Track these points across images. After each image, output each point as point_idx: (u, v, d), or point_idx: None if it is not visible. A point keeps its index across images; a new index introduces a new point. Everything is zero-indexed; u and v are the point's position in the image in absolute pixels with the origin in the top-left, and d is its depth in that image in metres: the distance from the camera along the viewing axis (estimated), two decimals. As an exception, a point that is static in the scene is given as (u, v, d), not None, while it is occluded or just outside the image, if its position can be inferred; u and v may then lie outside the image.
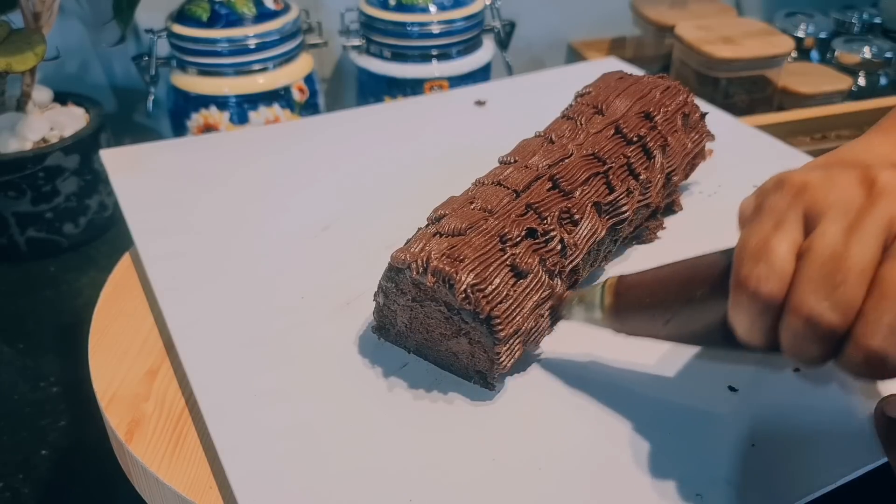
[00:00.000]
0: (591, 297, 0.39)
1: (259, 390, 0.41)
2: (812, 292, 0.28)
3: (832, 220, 0.29)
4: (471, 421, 0.39)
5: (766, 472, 0.36)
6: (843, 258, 0.28)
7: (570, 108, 0.51)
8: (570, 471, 0.36)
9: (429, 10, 0.91)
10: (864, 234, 0.28)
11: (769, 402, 0.40)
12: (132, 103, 1.01)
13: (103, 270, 0.55)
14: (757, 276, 0.29)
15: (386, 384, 0.41)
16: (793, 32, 1.12)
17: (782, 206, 0.30)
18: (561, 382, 0.41)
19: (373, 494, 0.35)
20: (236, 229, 0.53)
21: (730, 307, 0.31)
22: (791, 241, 0.29)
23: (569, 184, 0.44)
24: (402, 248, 0.40)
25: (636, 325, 0.38)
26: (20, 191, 0.77)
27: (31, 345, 0.71)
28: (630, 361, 0.42)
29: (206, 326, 0.45)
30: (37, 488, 0.58)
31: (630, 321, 0.38)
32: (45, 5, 0.75)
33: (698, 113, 0.54)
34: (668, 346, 0.43)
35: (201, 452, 0.39)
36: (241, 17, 0.85)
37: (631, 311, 0.37)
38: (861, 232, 0.28)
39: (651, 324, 0.36)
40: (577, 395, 0.40)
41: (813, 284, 0.28)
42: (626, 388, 0.41)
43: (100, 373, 0.44)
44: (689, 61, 0.97)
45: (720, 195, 0.57)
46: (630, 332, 0.38)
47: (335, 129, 0.67)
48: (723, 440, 0.37)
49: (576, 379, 0.41)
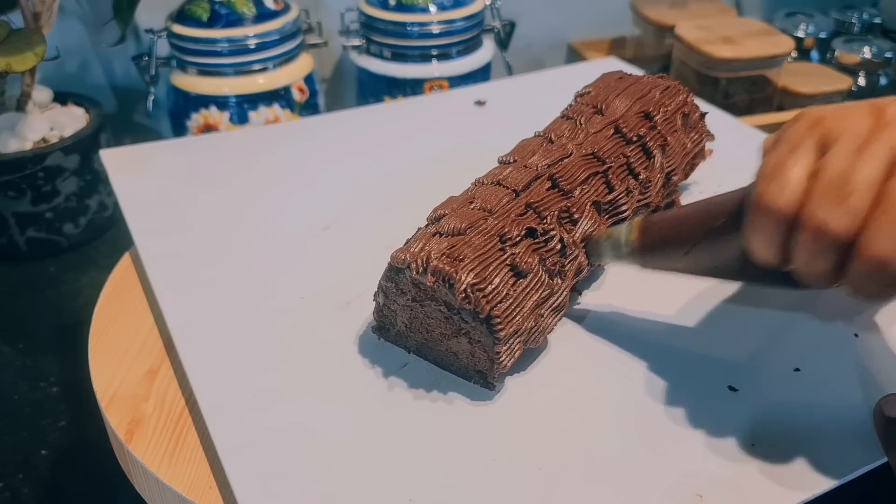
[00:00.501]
0: (618, 234, 0.42)
1: (259, 390, 0.41)
2: (822, 205, 0.30)
3: (843, 144, 0.31)
4: (471, 421, 0.39)
5: (766, 472, 0.36)
6: (852, 174, 0.30)
7: (570, 108, 0.51)
8: (570, 471, 0.36)
9: (429, 10, 0.91)
10: (871, 155, 0.30)
11: (769, 402, 0.40)
12: (132, 103, 1.01)
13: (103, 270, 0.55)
14: (771, 192, 0.32)
15: (386, 384, 0.41)
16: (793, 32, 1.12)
17: (799, 135, 0.33)
18: (561, 382, 0.41)
19: (373, 494, 0.35)
20: (236, 229, 0.53)
21: (746, 227, 0.33)
22: (804, 164, 0.32)
23: (568, 183, 0.44)
24: (401, 247, 0.40)
25: (659, 259, 0.41)
26: (20, 191, 0.77)
27: (31, 345, 0.71)
28: (630, 362, 0.42)
29: (206, 326, 0.45)
30: (37, 488, 0.58)
31: (653, 254, 0.41)
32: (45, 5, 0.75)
33: (698, 113, 0.54)
34: (668, 347, 0.43)
35: (201, 452, 0.39)
36: (241, 17, 0.85)
37: (655, 245, 0.41)
38: (869, 153, 0.31)
39: (672, 257, 0.40)
40: (577, 395, 0.40)
41: (823, 198, 0.30)
42: (626, 388, 0.41)
43: (100, 373, 0.44)
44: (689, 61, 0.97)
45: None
46: (653, 265, 0.41)
47: (335, 129, 0.67)
48: (723, 440, 0.37)
49: (575, 379, 0.41)
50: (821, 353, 0.43)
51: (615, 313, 0.46)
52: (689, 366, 0.42)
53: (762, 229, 0.32)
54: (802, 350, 0.43)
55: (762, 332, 0.44)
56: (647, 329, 0.44)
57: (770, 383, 0.41)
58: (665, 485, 0.35)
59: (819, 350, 0.43)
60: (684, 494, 0.35)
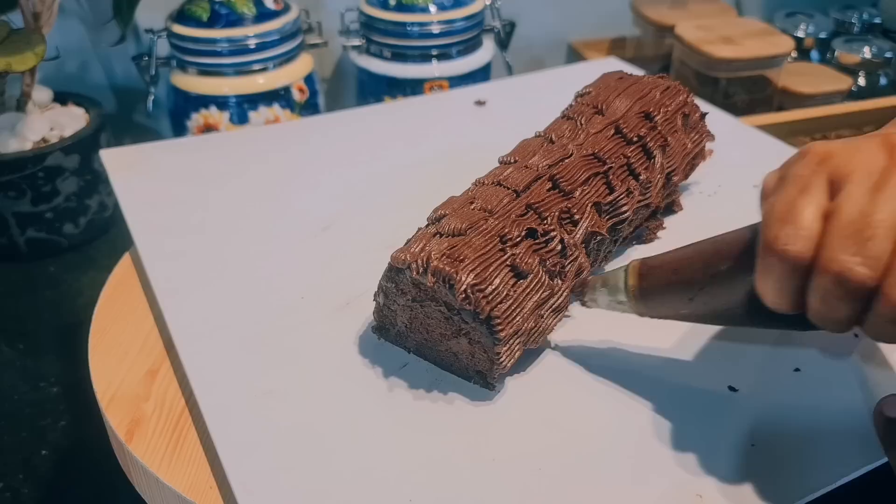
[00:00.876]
0: (614, 280, 0.39)
1: (259, 390, 0.41)
2: (841, 249, 0.28)
3: (857, 183, 0.29)
4: (471, 421, 0.39)
5: (766, 472, 0.36)
6: (871, 214, 0.28)
7: (570, 108, 0.51)
8: (570, 471, 0.36)
9: (429, 10, 0.91)
10: (890, 192, 0.29)
11: (769, 402, 0.40)
12: (132, 103, 1.01)
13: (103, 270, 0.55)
14: (785, 236, 0.30)
15: (386, 384, 0.41)
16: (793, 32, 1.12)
17: (807, 174, 0.31)
18: (561, 382, 0.41)
19: (373, 494, 0.35)
20: (236, 229, 0.53)
21: (757, 272, 0.31)
22: (817, 205, 0.30)
23: (569, 184, 0.44)
24: (402, 248, 0.40)
25: (661, 306, 0.38)
26: (20, 191, 0.77)
27: (31, 345, 0.71)
28: (630, 362, 0.42)
29: (206, 326, 0.45)
30: (37, 488, 0.58)
31: (654, 302, 0.38)
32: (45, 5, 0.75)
33: (698, 113, 0.54)
34: (668, 347, 0.43)
35: (201, 452, 0.39)
36: (241, 17, 0.85)
37: (656, 292, 0.38)
38: (887, 191, 0.29)
39: (676, 303, 0.37)
40: (577, 396, 0.40)
41: (842, 241, 0.28)
42: (626, 388, 0.41)
43: (100, 373, 0.44)
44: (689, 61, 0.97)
45: (720, 195, 0.57)
46: (654, 314, 0.39)
47: (335, 129, 0.67)
48: (723, 440, 0.37)
49: (575, 379, 0.41)
50: (821, 353, 0.43)
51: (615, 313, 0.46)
52: (689, 365, 0.42)
53: (776, 275, 0.30)
54: (802, 350, 0.43)
55: (762, 333, 0.44)
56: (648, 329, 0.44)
57: (770, 383, 0.41)
58: (665, 485, 0.35)
59: (819, 350, 0.43)
60: (684, 494, 0.35)
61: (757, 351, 0.43)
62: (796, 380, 0.41)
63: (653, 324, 0.45)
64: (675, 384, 0.41)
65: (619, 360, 0.42)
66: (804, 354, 0.43)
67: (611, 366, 0.42)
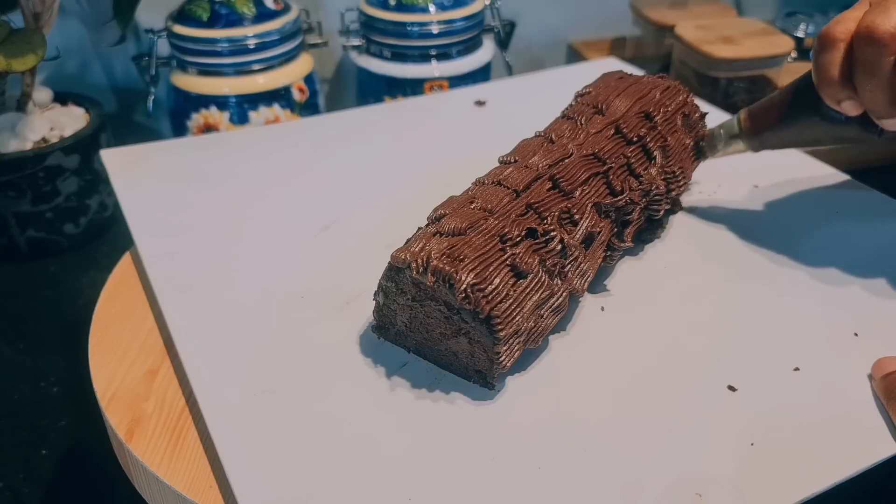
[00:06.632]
0: (729, 125, 0.52)
1: (259, 390, 0.41)
2: (871, 17, 0.40)
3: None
4: (471, 421, 0.39)
5: (766, 472, 0.36)
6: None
7: (570, 108, 0.51)
8: (570, 471, 0.36)
9: (429, 10, 0.91)
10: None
11: (769, 402, 0.40)
12: (132, 103, 1.01)
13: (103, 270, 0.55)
14: (832, 27, 0.43)
15: (386, 384, 0.41)
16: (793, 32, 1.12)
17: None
18: (561, 382, 0.41)
19: (373, 494, 0.35)
20: (236, 229, 0.53)
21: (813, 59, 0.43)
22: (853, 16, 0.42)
23: (569, 184, 0.44)
24: (402, 247, 0.40)
25: (771, 137, 0.50)
26: (20, 191, 0.77)
27: (31, 345, 0.71)
28: (630, 362, 0.42)
29: (206, 326, 0.45)
30: (37, 488, 0.58)
31: (765, 135, 0.50)
32: (45, 5, 0.75)
33: (698, 113, 0.54)
34: (668, 346, 0.43)
35: (201, 452, 0.39)
36: (241, 17, 0.85)
37: (764, 126, 0.50)
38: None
39: (783, 132, 0.49)
40: (578, 396, 0.40)
41: (869, 16, 0.40)
42: (626, 387, 0.41)
43: (100, 373, 0.44)
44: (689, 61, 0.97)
45: (720, 195, 0.57)
46: (767, 145, 0.50)
47: (335, 129, 0.67)
48: (723, 440, 0.37)
49: (576, 379, 0.41)
50: (821, 353, 0.43)
51: (615, 313, 0.46)
52: (689, 365, 0.42)
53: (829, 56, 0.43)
54: (802, 350, 0.43)
55: (762, 332, 0.44)
56: (647, 329, 0.45)
57: (770, 383, 0.41)
58: (665, 484, 0.35)
59: (819, 350, 0.43)
60: (684, 494, 0.35)
61: (757, 351, 0.43)
62: (796, 380, 0.41)
63: (653, 324, 0.45)
64: (675, 384, 0.41)
65: (617, 360, 0.42)
66: (804, 354, 0.43)
67: (610, 366, 0.42)
